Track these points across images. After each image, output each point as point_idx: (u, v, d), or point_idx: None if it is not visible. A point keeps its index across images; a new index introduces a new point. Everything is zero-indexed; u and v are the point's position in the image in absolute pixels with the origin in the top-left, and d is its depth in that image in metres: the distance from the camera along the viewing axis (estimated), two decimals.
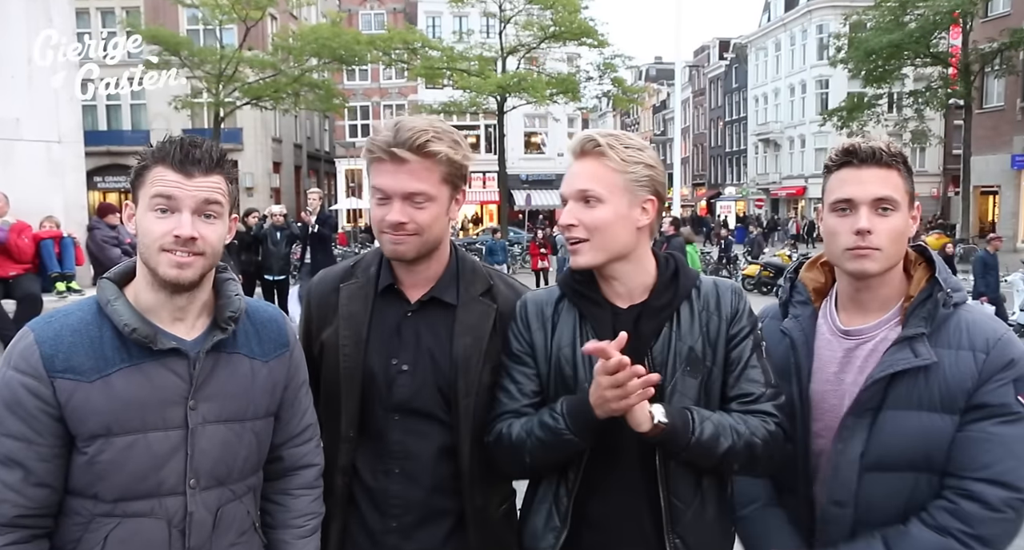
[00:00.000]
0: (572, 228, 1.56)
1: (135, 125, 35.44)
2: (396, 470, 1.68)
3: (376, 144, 1.61)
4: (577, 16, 29.60)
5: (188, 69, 28.33)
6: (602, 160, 1.54)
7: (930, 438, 1.50)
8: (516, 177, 36.52)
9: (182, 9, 31.55)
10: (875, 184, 1.53)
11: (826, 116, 32.27)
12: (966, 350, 1.50)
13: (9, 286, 7.29)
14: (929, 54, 27.58)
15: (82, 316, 1.38)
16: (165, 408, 1.37)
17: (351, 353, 1.68)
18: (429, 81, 31.94)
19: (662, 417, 1.47)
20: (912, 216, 1.58)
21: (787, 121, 47.87)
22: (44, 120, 8.08)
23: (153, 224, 1.36)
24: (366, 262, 1.78)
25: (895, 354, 1.52)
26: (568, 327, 1.63)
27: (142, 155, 1.39)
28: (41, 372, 1.32)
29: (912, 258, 1.63)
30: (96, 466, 1.34)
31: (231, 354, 1.47)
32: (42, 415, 1.32)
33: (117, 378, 1.34)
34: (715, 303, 1.61)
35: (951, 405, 1.49)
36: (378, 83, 40.80)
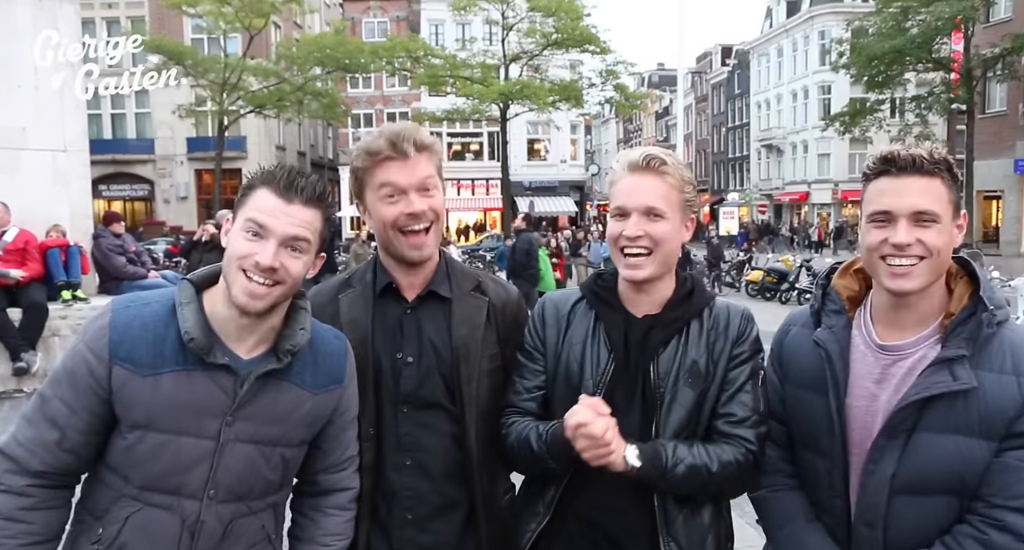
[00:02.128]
0: (639, 240, 1.63)
1: (140, 133, 35.61)
2: (407, 462, 1.74)
3: (377, 147, 1.70)
4: (579, 23, 29.69)
5: (192, 78, 28.50)
6: (664, 178, 1.64)
7: (966, 463, 1.43)
8: (519, 184, 36.58)
9: (186, 19, 31.71)
10: (915, 195, 1.44)
11: (828, 121, 32.29)
12: (1009, 374, 1.42)
13: (15, 295, 7.31)
14: (931, 59, 27.60)
15: (157, 310, 1.44)
16: (203, 418, 1.42)
17: (359, 353, 1.72)
18: (432, 89, 32.06)
19: (635, 461, 1.55)
20: (958, 225, 1.49)
21: (789, 127, 47.90)
22: (50, 129, 8.10)
23: (241, 244, 1.41)
24: (360, 272, 1.86)
25: (932, 376, 1.45)
26: (582, 327, 1.72)
27: (253, 176, 1.47)
28: (104, 355, 1.40)
29: (953, 271, 1.54)
30: (132, 453, 1.41)
31: (281, 381, 1.49)
32: (91, 393, 1.40)
33: (167, 378, 1.40)
34: (724, 324, 1.69)
35: (990, 431, 1.41)
36: (381, 91, 40.93)
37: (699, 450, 1.61)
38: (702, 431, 1.67)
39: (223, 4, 27.42)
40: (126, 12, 33.82)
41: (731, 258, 22.72)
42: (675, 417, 1.64)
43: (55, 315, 7.35)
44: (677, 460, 1.59)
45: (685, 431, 1.65)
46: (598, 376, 1.67)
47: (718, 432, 1.65)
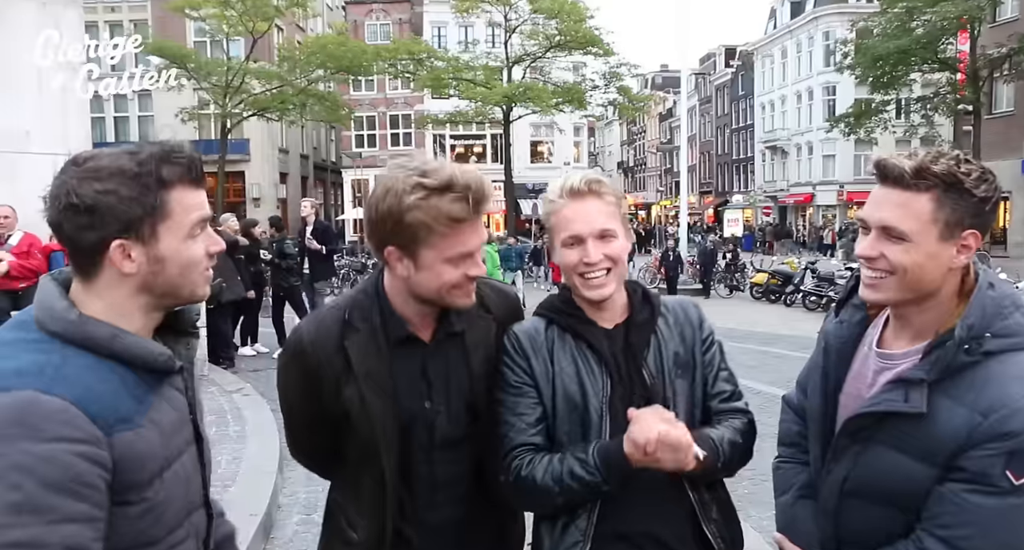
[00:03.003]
0: (600, 263, 1.68)
1: (143, 137, 35.59)
2: (440, 497, 1.71)
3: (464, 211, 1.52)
4: (583, 25, 29.70)
5: (195, 81, 28.53)
6: (604, 198, 1.70)
7: (906, 483, 1.42)
8: (522, 186, 36.54)
9: (189, 22, 31.76)
10: (887, 209, 1.39)
11: (833, 123, 32.23)
12: (965, 407, 1.36)
13: (19, 298, 7.28)
14: (937, 60, 27.54)
15: (82, 362, 1.19)
16: (184, 426, 1.35)
17: (380, 408, 1.64)
18: (435, 91, 32.06)
19: (700, 452, 1.55)
20: (963, 244, 1.38)
21: (794, 128, 47.83)
22: (53, 132, 8.08)
23: (195, 250, 1.28)
24: (361, 310, 1.68)
25: (887, 393, 1.44)
26: (566, 354, 1.72)
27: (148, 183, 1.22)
28: (97, 435, 1.14)
29: (969, 287, 1.44)
30: (154, 510, 1.24)
31: None
32: (102, 484, 1.14)
33: (154, 412, 1.25)
34: (684, 315, 1.80)
35: (932, 458, 1.39)
36: (384, 93, 40.94)
37: (723, 429, 1.70)
38: (700, 415, 1.75)
39: (226, 8, 27.46)
40: (129, 15, 33.88)
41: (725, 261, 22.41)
42: (680, 410, 1.68)
43: None
44: (720, 438, 1.66)
45: (692, 420, 1.69)
46: (601, 393, 1.68)
47: (716, 412, 1.75)
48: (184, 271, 1.27)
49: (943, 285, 1.42)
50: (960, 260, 1.40)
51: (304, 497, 4.97)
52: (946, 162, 1.35)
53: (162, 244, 1.24)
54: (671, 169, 67.79)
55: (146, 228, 1.22)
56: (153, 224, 1.22)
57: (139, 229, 1.22)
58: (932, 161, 1.35)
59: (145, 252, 1.23)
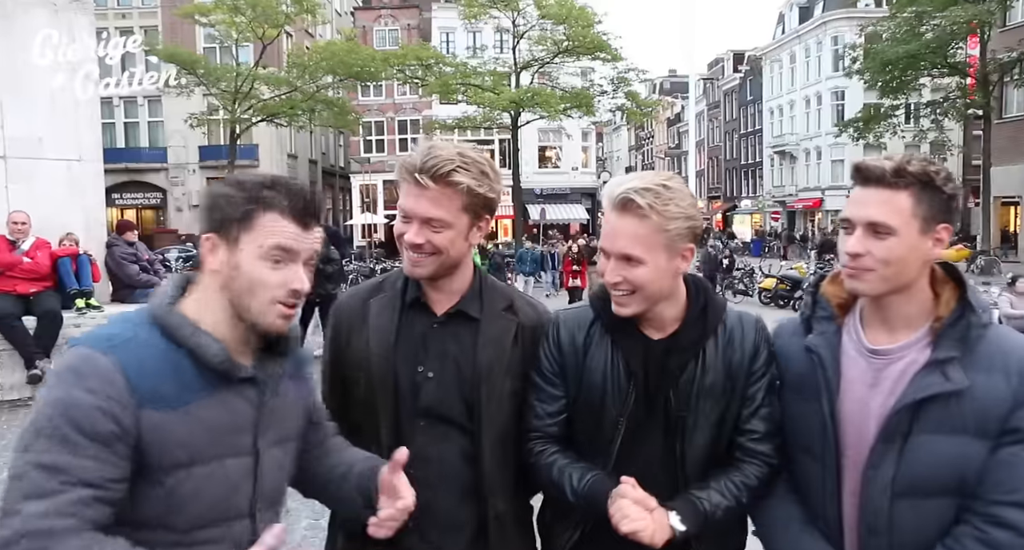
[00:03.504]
0: (618, 285, 1.62)
1: (152, 142, 35.89)
2: (418, 474, 1.69)
3: (404, 166, 1.67)
4: (591, 31, 29.71)
5: (204, 87, 28.70)
6: (643, 220, 1.57)
7: (964, 463, 1.45)
8: (530, 191, 36.58)
9: (199, 28, 31.98)
10: (873, 206, 1.48)
11: (842, 128, 32.14)
12: (999, 373, 1.45)
13: (30, 303, 7.34)
14: (946, 64, 27.45)
15: (151, 341, 1.33)
16: (239, 435, 1.40)
17: (380, 362, 1.73)
18: (443, 97, 32.12)
19: (680, 526, 1.55)
20: (937, 238, 1.50)
21: (803, 133, 47.72)
22: (65, 139, 8.16)
23: (268, 274, 1.35)
24: (392, 278, 1.84)
25: (925, 378, 1.48)
26: (600, 354, 1.69)
27: (252, 196, 1.34)
28: (127, 400, 1.26)
29: (939, 276, 1.58)
30: (174, 497, 1.31)
31: (280, 378, 1.49)
32: (118, 442, 1.26)
33: (199, 407, 1.33)
34: (739, 339, 1.68)
35: (984, 430, 1.44)
36: (392, 99, 41.07)
37: (728, 486, 1.63)
38: (723, 448, 1.68)
39: (236, 14, 27.64)
40: (139, 22, 34.13)
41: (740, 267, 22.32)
42: (698, 441, 1.65)
43: (69, 323, 7.36)
44: (714, 508, 1.60)
45: (709, 451, 1.67)
46: (620, 404, 1.66)
47: (741, 449, 1.67)
48: (252, 288, 1.35)
49: (920, 277, 1.53)
50: (935, 252, 1.52)
51: (313, 501, 4.97)
52: (918, 163, 1.48)
53: (241, 253, 1.35)
54: (679, 174, 67.26)
55: (233, 231, 1.35)
56: (238, 231, 1.34)
57: (228, 230, 1.35)
58: (907, 162, 1.48)
59: (227, 253, 1.35)
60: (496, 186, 1.72)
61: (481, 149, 1.80)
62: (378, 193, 40.12)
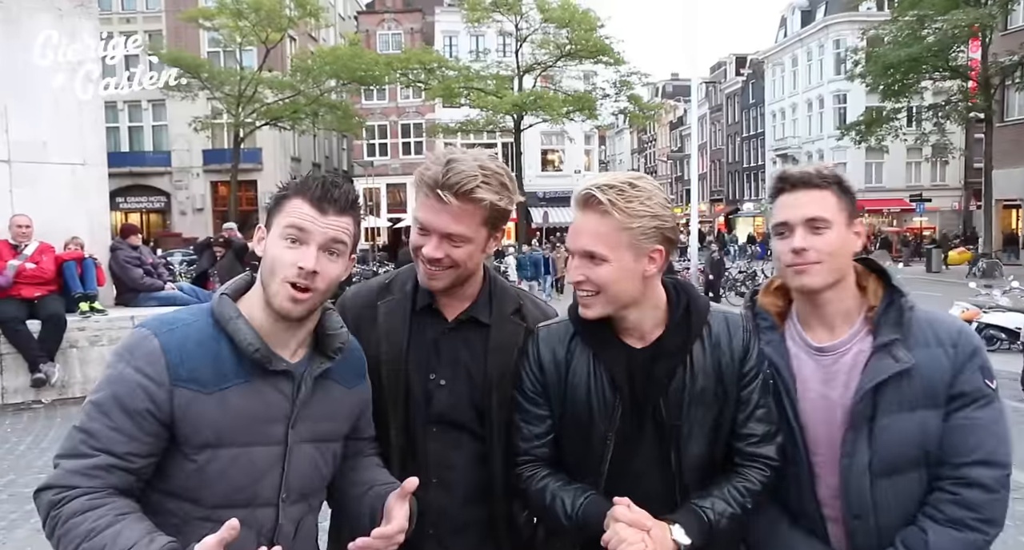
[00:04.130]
0: (581, 284, 1.58)
1: (157, 146, 35.97)
2: (434, 480, 1.72)
3: (425, 180, 1.62)
4: (593, 34, 29.78)
5: (208, 91, 28.79)
6: (605, 218, 1.52)
7: (925, 435, 1.57)
8: (533, 194, 36.60)
9: (203, 32, 32.07)
10: (807, 206, 1.60)
11: (844, 131, 32.14)
12: (935, 346, 1.58)
13: (35, 307, 7.37)
14: (948, 68, 27.45)
15: (202, 328, 1.44)
16: (270, 425, 1.45)
17: (392, 368, 1.71)
18: (446, 100, 32.20)
19: (685, 539, 1.50)
20: (856, 232, 1.63)
21: (805, 136, 47.70)
22: (69, 143, 8.20)
23: (282, 252, 1.43)
24: (401, 279, 1.81)
25: (877, 362, 1.58)
26: (583, 369, 1.64)
27: (285, 186, 1.47)
28: (164, 378, 1.37)
29: (860, 271, 1.69)
30: (204, 473, 1.40)
31: (327, 380, 1.54)
32: (150, 418, 1.37)
33: (232, 393, 1.41)
34: (727, 341, 1.63)
35: (935, 400, 1.57)
36: (396, 102, 41.14)
37: (732, 493, 1.59)
38: (720, 454, 1.64)
39: (240, 18, 27.73)
40: (144, 26, 34.22)
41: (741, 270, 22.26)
42: (694, 449, 1.61)
43: (73, 327, 7.40)
44: (719, 518, 1.55)
45: (705, 459, 1.62)
46: (607, 418, 1.61)
47: (740, 454, 1.63)
48: (272, 267, 1.43)
49: (849, 270, 1.65)
50: (857, 244, 1.65)
51: None
52: (826, 169, 1.65)
53: (270, 236, 1.46)
54: (682, 177, 67.67)
55: (270, 220, 1.48)
56: (271, 217, 1.47)
57: (269, 219, 1.48)
58: (821, 168, 1.65)
59: (266, 239, 1.47)
60: (514, 196, 1.68)
61: (493, 153, 1.77)
62: (381, 196, 40.17)
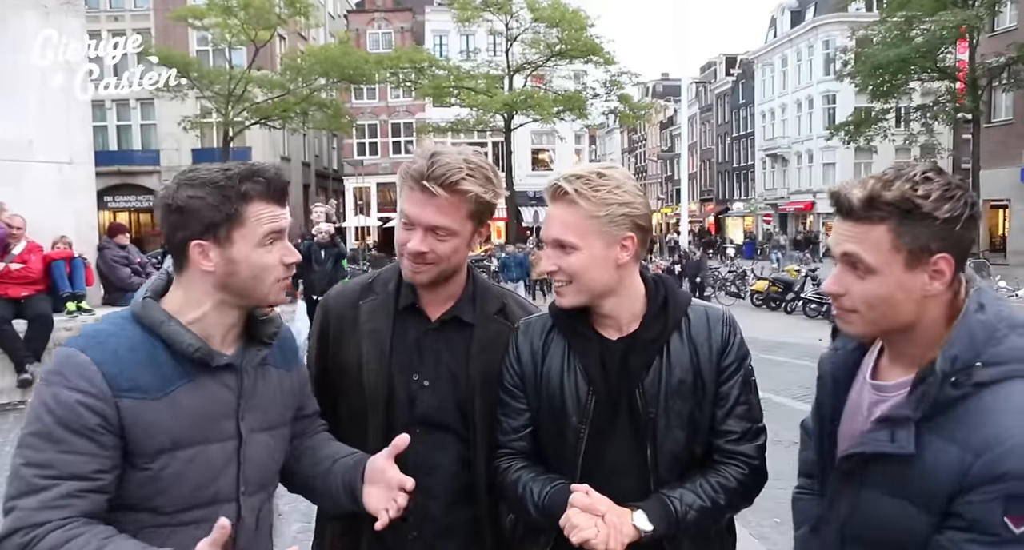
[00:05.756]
0: (554, 274, 1.59)
1: (145, 145, 35.72)
2: (419, 483, 1.67)
3: (410, 173, 1.63)
4: (583, 34, 29.80)
5: (198, 90, 28.62)
6: (572, 207, 1.54)
7: (905, 532, 1.29)
8: (524, 194, 36.56)
9: (192, 31, 31.89)
10: (848, 243, 1.30)
11: (833, 131, 32.29)
12: (956, 446, 1.23)
13: (21, 306, 7.32)
14: (936, 68, 27.62)
15: (131, 335, 1.40)
16: (221, 420, 1.44)
17: (375, 368, 1.70)
18: (436, 100, 32.14)
19: (646, 526, 1.49)
20: (934, 271, 1.26)
21: (794, 136, 47.90)
22: (56, 141, 8.13)
23: (268, 258, 1.43)
24: (383, 278, 1.80)
25: (873, 432, 1.33)
26: (557, 358, 1.64)
27: (233, 194, 1.39)
28: (106, 392, 1.33)
29: (960, 311, 1.30)
30: (160, 481, 1.37)
31: (265, 366, 1.54)
32: (105, 433, 1.33)
33: (180, 394, 1.39)
34: (705, 334, 1.61)
35: (928, 503, 1.26)
36: (386, 102, 41.06)
37: (704, 487, 1.56)
38: (700, 450, 1.61)
39: (229, 16, 27.59)
40: (132, 24, 33.97)
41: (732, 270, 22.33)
42: (670, 443, 1.58)
43: (60, 326, 7.33)
44: (686, 508, 1.53)
45: (683, 454, 1.60)
46: (580, 410, 1.60)
47: (719, 451, 1.60)
48: (256, 275, 1.42)
49: (922, 314, 1.31)
50: (935, 287, 1.28)
51: (305, 505, 4.93)
52: (901, 185, 1.24)
53: (235, 248, 1.40)
54: (672, 177, 67.87)
55: (223, 232, 1.40)
56: (229, 229, 1.40)
57: (216, 232, 1.39)
58: (884, 187, 1.25)
59: (221, 254, 1.40)
60: (499, 190, 1.69)
61: (481, 151, 1.76)
62: (371, 196, 40.06)
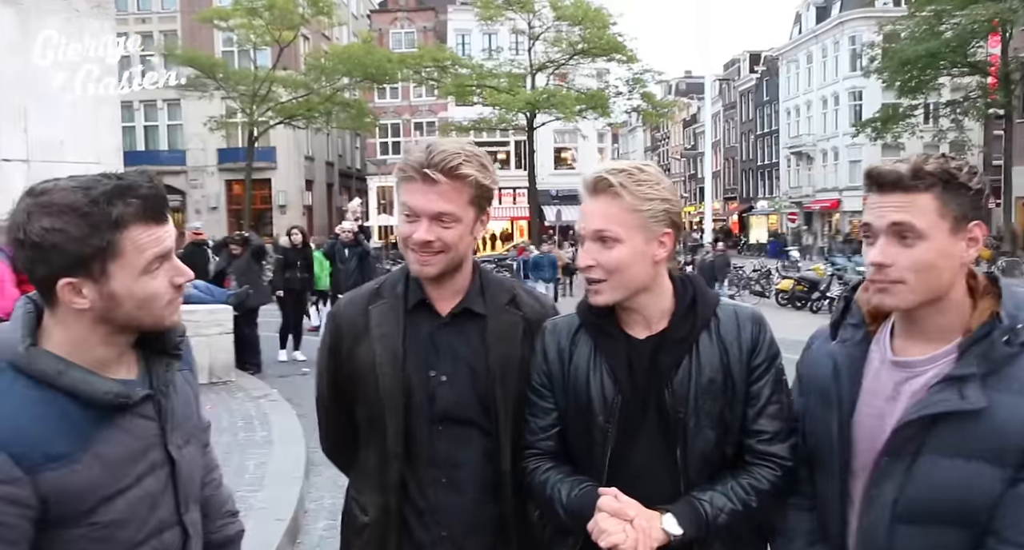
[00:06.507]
0: (591, 269, 1.56)
1: (172, 145, 36.21)
2: (443, 480, 1.71)
3: (409, 164, 1.65)
4: (606, 32, 29.68)
5: (223, 90, 28.95)
6: (616, 199, 1.54)
7: (974, 491, 1.32)
8: (546, 192, 36.54)
9: (218, 32, 32.24)
10: (896, 212, 1.36)
11: (859, 128, 31.88)
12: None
13: None
14: (967, 63, 27.19)
15: (22, 397, 1.18)
16: (148, 452, 1.32)
17: (388, 371, 1.70)
18: (459, 98, 32.22)
19: (676, 529, 1.47)
20: (970, 237, 1.38)
21: (820, 133, 47.36)
22: (85, 142, 8.24)
23: (154, 286, 1.25)
24: (391, 282, 1.81)
25: (937, 394, 1.36)
26: (583, 358, 1.64)
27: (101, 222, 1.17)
28: (17, 475, 1.14)
29: (982, 285, 1.44)
30: (100, 532, 1.25)
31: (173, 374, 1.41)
32: (19, 521, 1.16)
33: (99, 446, 1.23)
34: (735, 333, 1.59)
35: (1001, 457, 1.30)
36: (408, 101, 41.21)
37: (735, 490, 1.53)
38: (731, 450, 1.59)
39: (254, 17, 27.87)
40: (159, 26, 34.46)
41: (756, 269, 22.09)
42: (700, 444, 1.56)
43: None
44: (717, 512, 1.50)
45: (713, 454, 1.57)
46: (607, 410, 1.58)
47: (750, 451, 1.58)
48: (142, 305, 1.24)
49: (955, 283, 1.41)
50: (971, 254, 1.39)
51: (330, 503, 5.01)
52: (936, 161, 1.37)
53: (114, 282, 1.20)
54: (695, 175, 67.41)
55: (96, 266, 1.18)
56: (103, 263, 1.19)
57: (88, 268, 1.18)
58: (923, 162, 1.37)
59: (97, 289, 1.20)
60: (495, 178, 1.72)
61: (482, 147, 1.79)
62: (395, 195, 40.18)
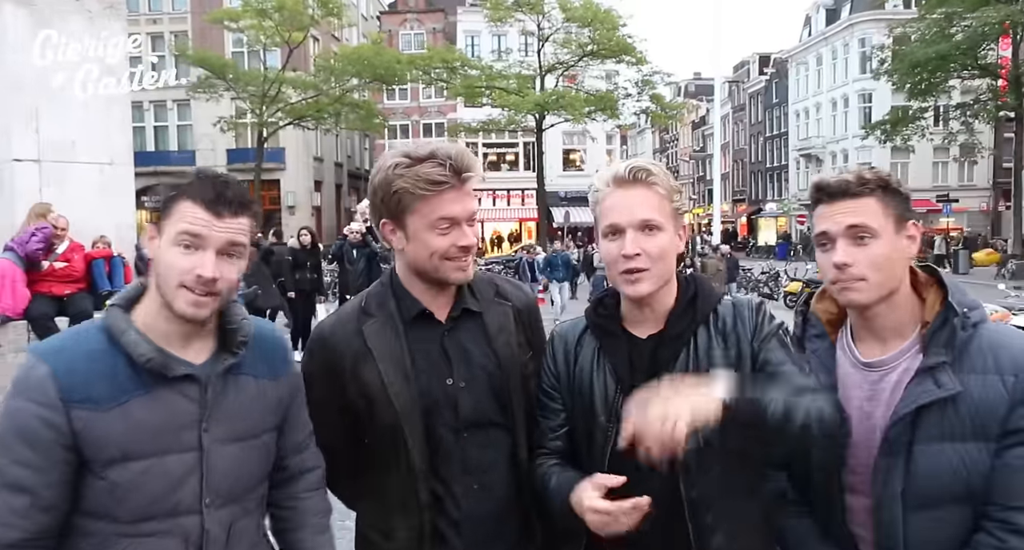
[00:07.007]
0: (637, 257, 1.56)
1: (181, 145, 36.36)
2: (475, 486, 1.69)
3: (436, 176, 1.60)
4: (615, 34, 29.69)
5: (233, 91, 29.08)
6: (654, 188, 1.58)
7: (968, 469, 1.43)
8: (555, 194, 36.56)
9: (228, 33, 32.38)
10: (849, 216, 1.51)
11: (869, 130, 31.74)
12: (993, 374, 1.43)
13: (64, 304, 7.49)
14: (977, 66, 27.03)
15: (92, 345, 1.40)
16: (180, 432, 1.41)
17: (401, 389, 1.66)
18: (468, 100, 32.28)
19: (723, 393, 1.38)
20: (909, 236, 1.53)
21: (829, 136, 47.18)
22: (97, 142, 8.31)
23: (177, 259, 1.39)
24: (375, 299, 1.76)
25: (918, 386, 1.46)
26: (588, 358, 1.67)
27: (172, 186, 1.42)
28: (57, 403, 1.35)
29: (923, 280, 1.57)
30: (116, 490, 1.37)
31: (238, 376, 1.51)
32: (55, 445, 1.35)
33: (133, 405, 1.38)
34: (732, 323, 1.60)
35: (984, 433, 1.43)
36: (418, 102, 41.28)
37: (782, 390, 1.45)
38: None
39: (264, 18, 27.98)
40: (170, 27, 34.63)
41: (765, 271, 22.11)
42: None
43: None
44: (769, 398, 1.40)
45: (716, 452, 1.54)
46: (608, 408, 1.60)
47: None
48: (165, 272, 1.40)
49: (903, 278, 1.54)
50: (912, 250, 1.54)
51: (338, 502, 5.03)
52: (871, 171, 1.56)
53: (161, 240, 1.41)
54: (704, 177, 67.28)
55: (161, 222, 1.42)
56: (162, 220, 1.42)
57: (160, 222, 1.42)
58: (863, 172, 1.55)
59: (157, 244, 1.42)
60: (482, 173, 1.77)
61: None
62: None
